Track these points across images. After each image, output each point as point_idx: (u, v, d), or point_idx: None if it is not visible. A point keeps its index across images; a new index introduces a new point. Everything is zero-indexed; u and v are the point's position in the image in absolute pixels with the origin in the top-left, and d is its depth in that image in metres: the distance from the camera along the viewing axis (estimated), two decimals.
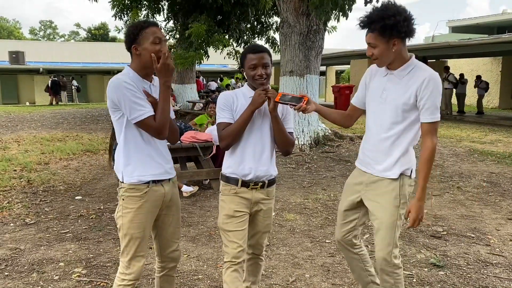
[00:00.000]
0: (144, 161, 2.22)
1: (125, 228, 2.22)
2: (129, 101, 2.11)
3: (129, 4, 13.74)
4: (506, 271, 3.45)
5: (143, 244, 2.26)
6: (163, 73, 2.15)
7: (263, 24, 15.27)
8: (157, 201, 2.27)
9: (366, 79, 2.44)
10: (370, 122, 2.39)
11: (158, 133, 2.17)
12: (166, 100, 2.18)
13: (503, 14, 25.74)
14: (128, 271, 2.25)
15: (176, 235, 2.44)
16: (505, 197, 5.54)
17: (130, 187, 2.20)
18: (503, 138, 10.52)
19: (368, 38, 2.21)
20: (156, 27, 2.19)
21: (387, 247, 2.32)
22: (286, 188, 5.94)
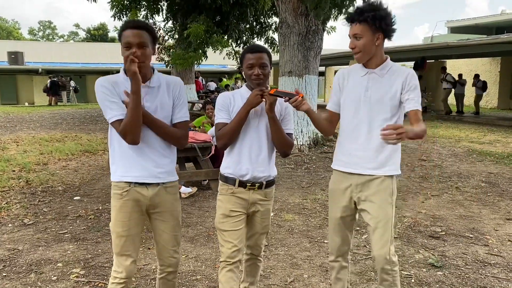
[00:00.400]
0: (126, 162, 2.22)
1: (112, 224, 2.26)
2: (101, 102, 2.14)
3: (128, 4, 13.73)
4: (504, 271, 3.45)
5: (128, 243, 2.24)
6: (131, 79, 2.04)
7: (262, 24, 15.27)
8: (139, 203, 2.24)
9: (339, 83, 2.43)
10: (354, 122, 2.35)
11: (122, 136, 2.13)
12: (133, 108, 2.05)
13: (502, 14, 25.78)
14: (119, 269, 2.25)
15: (172, 242, 2.36)
16: (504, 197, 5.55)
17: (114, 185, 2.25)
18: (502, 138, 10.54)
19: (355, 29, 2.23)
20: (131, 30, 2.07)
21: (386, 245, 2.32)
22: (284, 189, 5.94)
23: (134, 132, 2.12)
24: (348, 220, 2.48)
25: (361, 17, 2.20)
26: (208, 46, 13.77)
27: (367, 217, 2.38)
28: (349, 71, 2.42)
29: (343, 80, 2.42)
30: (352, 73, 2.40)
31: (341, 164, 2.44)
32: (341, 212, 2.46)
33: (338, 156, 2.46)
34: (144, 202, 2.26)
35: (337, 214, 2.48)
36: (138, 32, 2.08)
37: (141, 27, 2.10)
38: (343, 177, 2.43)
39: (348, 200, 2.42)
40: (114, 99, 2.13)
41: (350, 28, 2.27)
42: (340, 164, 2.44)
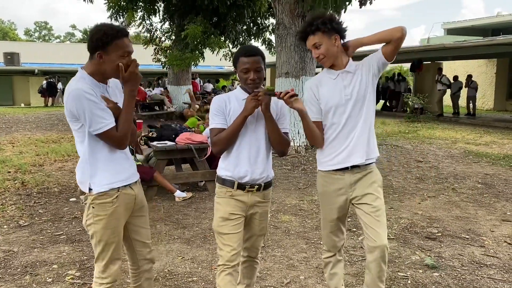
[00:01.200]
0: (112, 168, 2.19)
1: (98, 235, 2.19)
2: (90, 113, 2.04)
3: (125, 5, 13.70)
4: (501, 272, 3.46)
5: (118, 247, 2.25)
6: (131, 82, 2.11)
7: (259, 25, 15.27)
8: (129, 204, 2.26)
9: (313, 94, 2.47)
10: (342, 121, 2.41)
11: (119, 143, 2.15)
12: (130, 109, 2.14)
13: (498, 16, 25.85)
14: (104, 275, 2.23)
15: (149, 235, 2.44)
16: (500, 198, 5.56)
17: (100, 195, 2.16)
18: (498, 139, 10.57)
19: (312, 40, 2.37)
20: (128, 38, 2.12)
21: (386, 232, 2.40)
22: (281, 190, 5.93)
23: (129, 135, 2.17)
24: (343, 218, 2.56)
25: (313, 27, 2.35)
26: (205, 47, 13.75)
27: (370, 210, 2.40)
28: (319, 80, 2.50)
29: (317, 89, 2.47)
30: (323, 81, 2.47)
31: (333, 164, 2.46)
32: (337, 213, 2.51)
33: (327, 157, 2.49)
34: (132, 202, 2.28)
35: (334, 216, 2.51)
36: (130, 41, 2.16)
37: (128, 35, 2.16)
38: (334, 179, 2.47)
39: (343, 200, 2.47)
40: (102, 106, 2.10)
41: (307, 42, 2.40)
42: (331, 164, 2.47)
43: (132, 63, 2.11)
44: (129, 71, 2.10)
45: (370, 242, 2.38)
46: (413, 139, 10.55)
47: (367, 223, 2.39)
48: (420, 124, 13.62)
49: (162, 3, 14.74)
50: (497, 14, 26.80)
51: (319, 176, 2.57)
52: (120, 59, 2.09)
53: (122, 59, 2.09)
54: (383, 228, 2.38)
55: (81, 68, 2.17)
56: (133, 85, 2.13)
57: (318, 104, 2.46)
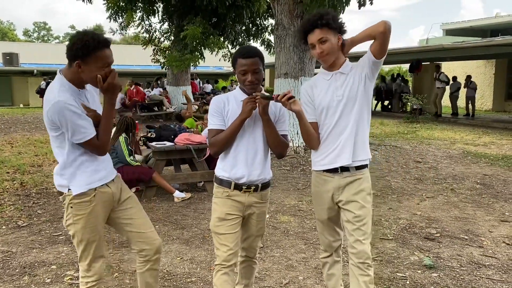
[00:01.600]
0: (91, 170, 2.22)
1: (79, 234, 2.23)
2: (72, 124, 2.07)
3: (124, 6, 13.70)
4: (499, 272, 3.46)
5: (100, 244, 2.29)
6: (110, 92, 2.14)
7: (258, 26, 15.28)
8: (107, 201, 2.29)
9: (308, 95, 2.47)
10: (333, 122, 2.41)
11: (100, 151, 2.21)
12: (110, 118, 2.20)
13: (497, 17, 25.88)
14: (89, 274, 2.28)
15: (149, 223, 2.46)
16: (498, 199, 5.57)
17: (79, 195, 2.20)
18: (496, 140, 10.58)
19: (319, 34, 2.31)
20: (109, 49, 2.12)
21: (369, 238, 2.41)
22: (280, 190, 5.93)
23: (109, 142, 2.24)
24: (335, 219, 2.55)
25: (323, 21, 2.30)
26: (205, 48, 13.75)
27: (350, 217, 2.40)
28: (314, 81, 2.50)
29: (311, 90, 2.47)
30: (317, 82, 2.48)
31: (323, 164, 2.46)
32: (327, 213, 2.52)
33: (318, 159, 2.50)
34: (110, 200, 2.31)
35: (324, 216, 2.53)
36: None
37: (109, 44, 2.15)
38: (324, 179, 2.48)
39: (332, 201, 2.48)
40: (84, 116, 2.12)
41: (311, 35, 2.34)
42: (321, 164, 2.47)
43: (111, 73, 2.12)
44: (108, 82, 2.11)
45: (351, 249, 2.41)
46: (412, 139, 10.56)
47: (350, 230, 2.41)
48: (419, 124, 13.63)
49: (161, 4, 14.75)
50: (495, 15, 26.83)
51: (313, 176, 2.59)
52: (99, 70, 2.09)
53: (101, 70, 2.09)
54: (365, 237, 2.37)
55: (60, 72, 2.16)
56: (112, 94, 2.17)
57: (313, 105, 2.46)
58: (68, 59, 2.12)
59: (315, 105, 2.45)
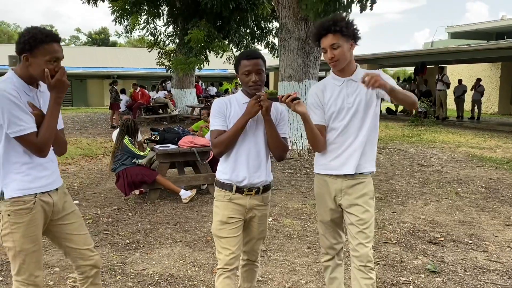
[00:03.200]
0: (30, 174, 2.10)
1: (18, 244, 2.08)
2: (9, 114, 1.98)
3: (129, 9, 13.77)
4: (503, 277, 3.43)
5: (39, 256, 2.16)
6: (57, 90, 2.06)
7: (262, 29, 15.30)
8: (46, 211, 2.17)
9: (318, 98, 2.46)
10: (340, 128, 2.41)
11: (38, 150, 2.06)
12: (54, 116, 2.09)
13: (502, 20, 25.79)
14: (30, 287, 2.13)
15: (86, 240, 2.34)
16: (503, 203, 5.53)
17: (15, 201, 2.07)
18: (502, 143, 10.52)
19: (332, 39, 2.32)
20: (57, 44, 2.07)
21: (372, 242, 2.40)
22: (284, 193, 5.92)
23: (50, 143, 2.11)
24: (337, 221, 2.55)
25: (337, 27, 2.30)
26: (210, 51, 13.79)
27: (354, 221, 2.41)
28: (324, 85, 2.49)
29: (322, 93, 2.47)
30: (328, 86, 2.47)
31: (327, 168, 2.47)
32: (330, 215, 2.52)
33: (322, 161, 2.50)
34: (49, 210, 2.19)
35: (327, 218, 2.54)
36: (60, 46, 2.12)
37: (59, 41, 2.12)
38: (327, 181, 2.48)
39: (334, 203, 2.48)
40: (24, 109, 2.03)
41: (324, 40, 2.34)
42: (326, 168, 2.48)
43: (59, 69, 2.06)
44: (56, 78, 2.04)
45: (353, 252, 2.41)
46: (417, 143, 10.52)
47: (353, 233, 2.41)
48: (424, 128, 13.58)
49: (166, 7, 14.81)
50: (501, 18, 26.74)
51: (315, 177, 2.60)
52: (47, 64, 2.04)
53: (49, 64, 2.04)
54: (368, 240, 2.38)
55: (11, 69, 2.13)
56: (59, 91, 2.07)
57: (322, 109, 2.46)
58: (16, 53, 2.08)
59: (324, 109, 2.45)
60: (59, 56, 2.08)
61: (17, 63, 2.20)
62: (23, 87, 2.09)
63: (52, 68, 2.05)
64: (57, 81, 2.05)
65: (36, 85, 2.17)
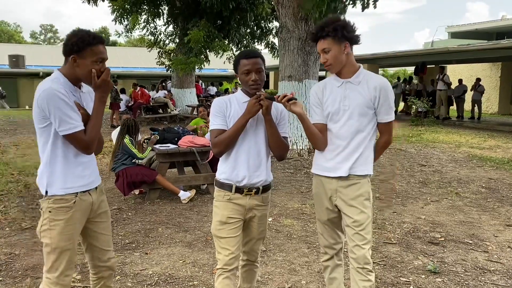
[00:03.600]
0: (73, 173, 2.17)
1: (55, 241, 2.15)
2: (61, 113, 2.06)
3: (129, 8, 13.76)
4: (504, 278, 3.43)
5: (73, 256, 2.21)
6: (102, 89, 2.16)
7: (262, 29, 15.29)
8: (85, 210, 2.24)
9: (318, 97, 2.47)
10: (335, 130, 2.41)
11: (86, 147, 2.15)
12: (100, 115, 2.19)
13: (503, 20, 25.77)
14: (57, 287, 2.17)
15: (109, 242, 2.41)
16: (504, 203, 5.52)
17: (57, 199, 2.15)
18: (502, 143, 10.51)
19: (322, 44, 2.34)
20: (103, 46, 2.17)
21: (369, 243, 2.40)
22: (283, 193, 5.91)
23: (96, 141, 2.20)
24: (335, 220, 2.54)
25: (323, 33, 2.32)
26: (210, 51, 13.78)
27: (349, 222, 2.41)
28: (324, 84, 2.49)
29: (321, 93, 2.47)
30: (328, 86, 2.47)
31: (322, 169, 2.48)
32: (327, 214, 2.52)
33: (318, 162, 2.51)
34: (89, 209, 2.26)
35: (324, 217, 2.54)
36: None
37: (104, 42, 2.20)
38: (323, 181, 2.48)
39: (330, 203, 2.48)
40: (74, 108, 2.11)
41: (317, 45, 2.38)
42: (320, 168, 2.49)
43: (105, 70, 2.15)
44: (101, 78, 2.14)
45: (351, 254, 2.41)
46: (417, 142, 10.51)
47: (350, 235, 2.41)
48: (424, 127, 13.57)
49: (166, 7, 14.79)
50: (501, 17, 26.72)
51: (313, 177, 2.60)
52: (94, 65, 2.12)
53: (96, 65, 2.13)
54: (365, 242, 2.37)
55: (57, 70, 2.20)
56: (103, 91, 2.17)
57: (322, 108, 2.46)
58: (64, 55, 2.16)
59: (323, 108, 2.45)
60: (105, 57, 2.17)
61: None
62: (69, 87, 2.16)
63: (98, 68, 2.13)
64: (102, 81, 2.14)
65: (79, 86, 2.24)
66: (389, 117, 2.42)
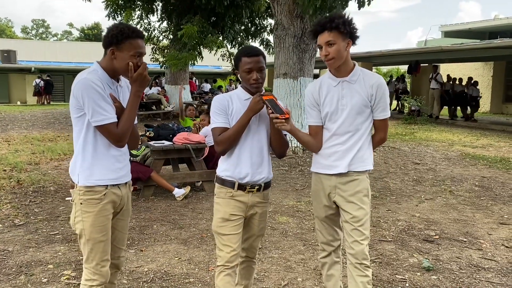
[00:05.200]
0: (104, 165, 2.18)
1: (87, 233, 2.17)
2: (94, 103, 2.07)
3: (122, 4, 13.64)
4: (498, 275, 3.45)
5: (107, 246, 2.23)
6: (138, 83, 2.16)
7: (257, 26, 15.24)
8: (115, 203, 2.26)
9: (314, 98, 2.46)
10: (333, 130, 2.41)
11: (117, 140, 2.16)
12: (134, 109, 2.19)
13: (495, 19, 25.91)
14: (95, 277, 2.21)
15: (124, 241, 2.43)
16: (497, 201, 5.57)
17: (87, 190, 2.16)
18: (494, 142, 10.59)
19: (327, 37, 2.30)
20: (142, 40, 2.18)
21: (367, 239, 2.40)
22: (279, 191, 5.91)
23: (128, 134, 2.20)
24: (333, 217, 2.54)
25: (333, 24, 2.28)
26: (203, 47, 13.70)
27: (348, 218, 2.41)
28: (320, 84, 2.47)
29: (317, 93, 2.45)
30: (323, 85, 2.45)
31: (321, 167, 2.48)
32: (325, 211, 2.52)
33: (317, 160, 2.51)
34: (118, 202, 2.27)
35: (322, 214, 2.54)
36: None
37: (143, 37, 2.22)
38: (322, 178, 2.49)
39: (329, 200, 2.48)
40: (108, 99, 2.13)
41: (320, 37, 2.33)
42: (320, 167, 2.49)
43: (142, 64, 2.16)
44: (138, 72, 2.14)
45: (349, 249, 2.41)
46: (410, 141, 10.56)
47: (348, 231, 2.41)
48: (417, 126, 13.64)
49: (160, 2, 14.69)
50: (494, 17, 26.89)
51: (312, 175, 2.61)
52: (131, 59, 2.14)
53: (133, 58, 2.14)
54: (363, 237, 2.38)
55: (96, 62, 2.22)
56: (139, 85, 2.17)
57: (318, 108, 2.46)
58: (103, 47, 2.18)
59: (320, 108, 2.45)
60: (143, 51, 2.17)
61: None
62: (106, 79, 2.17)
63: (135, 62, 2.14)
64: (139, 75, 2.14)
65: (117, 79, 2.24)
66: (385, 114, 2.43)
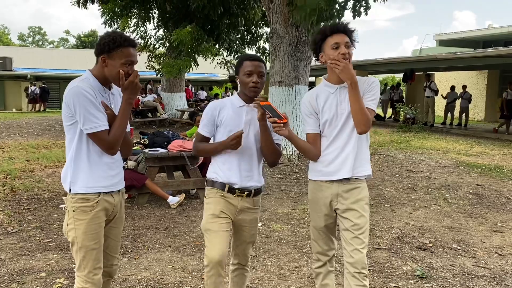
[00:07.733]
0: (96, 172, 2.19)
1: (79, 240, 2.17)
2: (85, 111, 2.08)
3: (119, 12, 13.69)
4: (491, 283, 3.46)
5: (99, 254, 2.23)
6: (129, 91, 2.17)
7: (253, 34, 15.32)
8: (108, 210, 2.25)
9: (312, 106, 2.45)
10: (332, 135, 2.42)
11: (109, 147, 2.17)
12: (125, 116, 2.20)
13: (489, 28, 26.16)
14: (87, 285, 2.21)
15: (117, 249, 2.42)
16: (491, 209, 5.59)
17: (80, 198, 2.17)
18: (489, 150, 10.65)
19: (347, 38, 2.34)
20: (134, 49, 2.19)
21: (366, 248, 2.40)
22: (273, 198, 5.91)
23: (120, 142, 2.20)
24: (331, 226, 2.54)
25: (351, 29, 2.34)
26: (199, 54, 13.74)
27: (349, 226, 2.40)
28: (317, 93, 2.47)
29: (315, 101, 2.46)
30: (321, 94, 2.45)
31: (322, 174, 2.47)
32: (324, 221, 2.50)
33: (317, 168, 2.50)
34: (110, 210, 2.27)
35: (321, 223, 2.52)
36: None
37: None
38: (322, 186, 2.48)
39: (329, 209, 2.47)
40: (99, 107, 2.14)
41: (339, 36, 2.32)
42: (320, 174, 2.48)
43: (133, 72, 2.17)
44: (129, 80, 2.15)
45: (348, 258, 2.39)
46: (405, 149, 10.60)
47: (348, 239, 2.39)
48: (412, 134, 13.70)
49: (156, 11, 14.75)
50: (488, 26, 27.14)
51: (310, 183, 2.59)
52: (122, 67, 2.14)
53: (124, 67, 2.15)
54: (363, 246, 2.37)
55: (88, 70, 2.23)
56: (131, 93, 2.18)
57: (316, 117, 2.46)
58: (95, 55, 2.19)
59: (318, 116, 2.45)
60: (134, 60, 2.18)
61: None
62: (98, 87, 2.18)
63: (126, 70, 2.15)
64: (130, 83, 2.15)
65: (109, 87, 2.25)
66: (370, 103, 2.39)
